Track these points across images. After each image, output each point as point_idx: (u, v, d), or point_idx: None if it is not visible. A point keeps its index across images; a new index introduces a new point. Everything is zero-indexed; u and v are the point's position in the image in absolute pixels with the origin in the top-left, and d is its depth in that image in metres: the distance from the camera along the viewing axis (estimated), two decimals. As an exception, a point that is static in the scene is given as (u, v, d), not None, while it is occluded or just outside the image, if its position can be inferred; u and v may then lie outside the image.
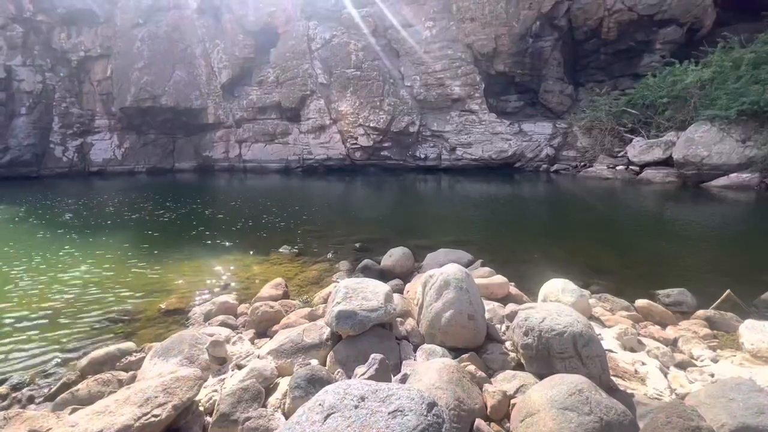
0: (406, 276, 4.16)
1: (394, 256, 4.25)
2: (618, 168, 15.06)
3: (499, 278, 3.31)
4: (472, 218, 8.96)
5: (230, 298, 3.42)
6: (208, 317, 3.14)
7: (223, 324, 2.97)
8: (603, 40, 18.42)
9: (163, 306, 3.62)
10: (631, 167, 14.78)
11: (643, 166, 14.25)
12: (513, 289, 3.36)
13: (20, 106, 19.92)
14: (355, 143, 20.65)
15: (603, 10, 17.60)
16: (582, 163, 17.16)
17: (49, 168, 20.60)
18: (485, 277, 3.62)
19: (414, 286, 3.37)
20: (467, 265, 4.42)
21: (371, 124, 19.93)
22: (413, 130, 20.31)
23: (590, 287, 3.96)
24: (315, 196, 12.46)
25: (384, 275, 4.26)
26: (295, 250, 5.61)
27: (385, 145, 20.52)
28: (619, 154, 15.99)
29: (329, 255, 5.24)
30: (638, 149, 14.63)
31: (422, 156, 20.56)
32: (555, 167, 17.87)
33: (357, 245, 5.75)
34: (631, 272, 4.57)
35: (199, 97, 22.58)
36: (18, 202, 11.12)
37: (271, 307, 2.98)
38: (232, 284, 4.31)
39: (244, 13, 21.68)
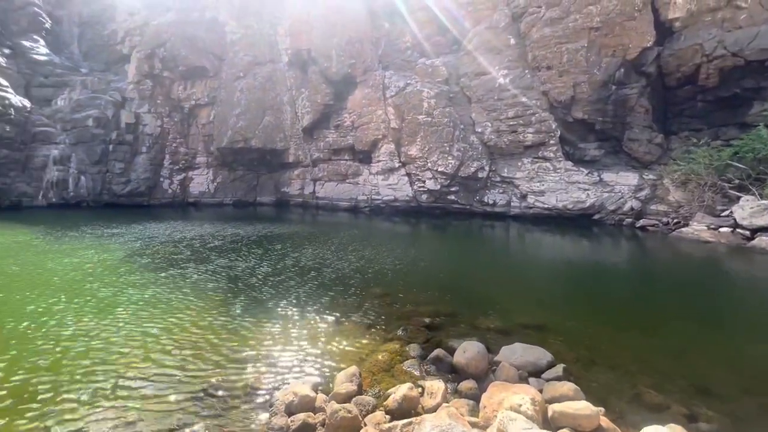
0: (480, 376, 4.03)
1: (468, 353, 4.15)
2: (722, 230, 13.23)
3: (586, 407, 3.05)
4: (549, 286, 8.45)
5: (308, 387, 3.60)
6: (290, 409, 3.34)
7: (305, 425, 3.13)
8: (700, 86, 16.88)
9: (247, 384, 3.94)
10: (738, 230, 12.91)
11: (755, 230, 12.36)
12: (605, 421, 3.07)
13: (142, 146, 23.71)
14: (423, 186, 20.94)
15: (700, 56, 16.24)
16: (675, 220, 15.40)
17: (157, 198, 23.93)
18: (569, 396, 3.37)
19: (491, 402, 3.26)
20: (546, 368, 4.16)
21: (439, 168, 20.15)
22: (482, 176, 20.09)
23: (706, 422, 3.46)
24: (381, 240, 12.78)
25: (456, 371, 4.18)
26: (365, 320, 5.78)
27: (453, 189, 20.51)
28: (722, 214, 14.09)
29: (399, 332, 5.29)
30: (749, 210, 12.79)
31: (490, 202, 20.13)
32: (641, 222, 16.27)
33: (426, 320, 5.74)
34: None
35: (283, 139, 24.88)
36: (129, 233, 13.00)
37: (349, 412, 3.09)
38: (306, 360, 4.53)
39: (327, 65, 23.81)
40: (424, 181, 20.87)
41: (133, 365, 4.28)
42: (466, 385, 3.83)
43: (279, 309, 6.17)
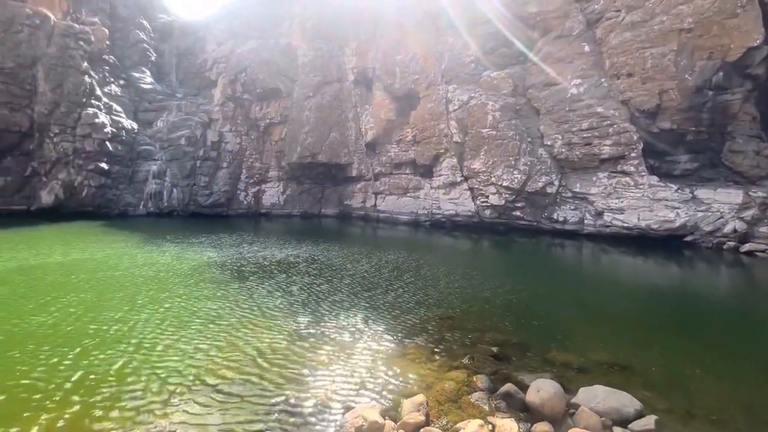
0: (556, 419, 3.74)
1: (543, 392, 3.89)
2: None
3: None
4: (633, 317, 7.62)
5: (376, 412, 3.64)
6: (359, 434, 3.40)
7: (374, 453, 3.16)
8: (827, 88, 14.35)
9: (316, 402, 4.09)
10: None
11: None
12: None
13: (223, 162, 26.22)
14: (486, 201, 20.33)
15: (827, 54, 13.85)
16: (793, 246, 13.11)
17: (234, 209, 26.19)
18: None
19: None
20: (634, 418, 3.74)
21: (504, 183, 19.44)
22: (551, 191, 18.98)
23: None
24: (442, 257, 12.59)
25: (529, 410, 3.93)
26: (429, 344, 5.70)
27: (518, 204, 19.63)
28: None
29: (465, 360, 5.14)
30: None
31: (560, 219, 18.88)
32: (747, 247, 14.11)
33: (494, 350, 5.50)
34: None
35: (347, 154, 25.87)
36: (208, 243, 14.35)
37: (418, 445, 3.05)
38: (371, 382, 4.58)
39: (391, 82, 24.42)
40: (487, 196, 20.26)
41: (203, 378, 4.60)
42: (541, 428, 3.58)
43: (342, 327, 6.33)
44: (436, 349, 5.54)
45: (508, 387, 4.22)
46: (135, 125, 25.64)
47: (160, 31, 32.80)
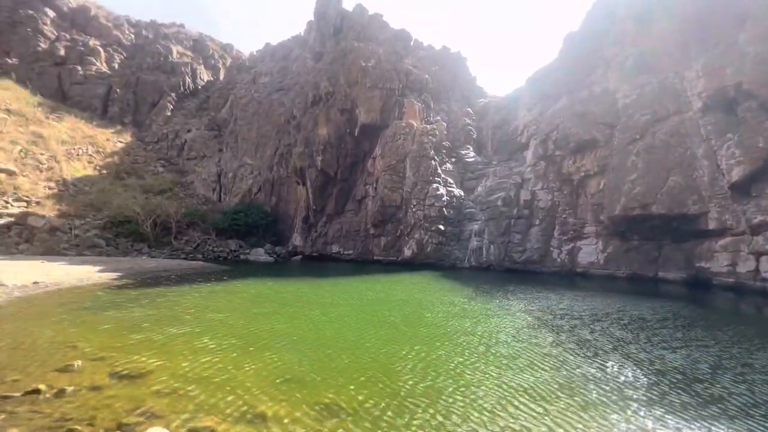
0: None
1: None
2: None
3: None
4: None
5: None
6: None
7: None
8: None
9: None
10: None
11: None
12: None
13: (536, 219, 26.69)
14: None
15: None
16: None
17: (547, 266, 25.62)
18: None
19: None
20: None
21: None
22: None
23: None
24: None
25: None
26: None
27: None
28: None
29: None
30: None
31: None
32: None
33: None
34: None
35: (698, 201, 19.95)
36: (530, 299, 14.22)
37: None
38: None
39: (776, 96, 17.26)
40: None
41: None
42: None
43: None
44: None
45: None
46: (462, 192, 31.02)
47: (479, 113, 39.31)
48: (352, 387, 5.84)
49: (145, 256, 29.77)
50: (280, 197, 40.85)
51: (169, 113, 51.92)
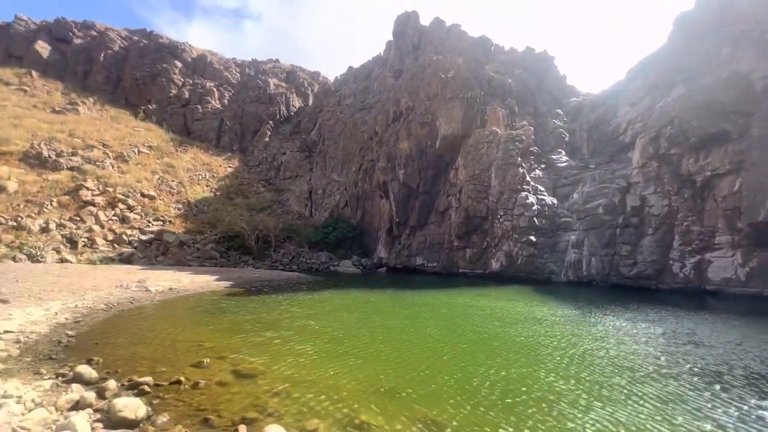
0: None
1: None
2: None
3: None
4: None
5: None
6: None
7: None
8: None
9: None
10: None
11: None
12: None
13: (648, 228, 23.31)
14: None
15: None
16: None
17: (666, 282, 22.04)
18: None
19: None
20: None
21: None
22: None
23: None
24: None
25: None
26: None
27: None
28: None
29: None
30: None
31: None
32: None
33: None
34: None
35: None
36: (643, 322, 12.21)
37: None
38: None
39: None
40: None
41: None
42: None
43: None
44: None
45: None
46: (555, 200, 28.63)
47: (571, 113, 36.21)
48: (451, 402, 5.64)
49: (250, 266, 33.30)
50: (365, 211, 42.46)
51: (267, 139, 58.14)
